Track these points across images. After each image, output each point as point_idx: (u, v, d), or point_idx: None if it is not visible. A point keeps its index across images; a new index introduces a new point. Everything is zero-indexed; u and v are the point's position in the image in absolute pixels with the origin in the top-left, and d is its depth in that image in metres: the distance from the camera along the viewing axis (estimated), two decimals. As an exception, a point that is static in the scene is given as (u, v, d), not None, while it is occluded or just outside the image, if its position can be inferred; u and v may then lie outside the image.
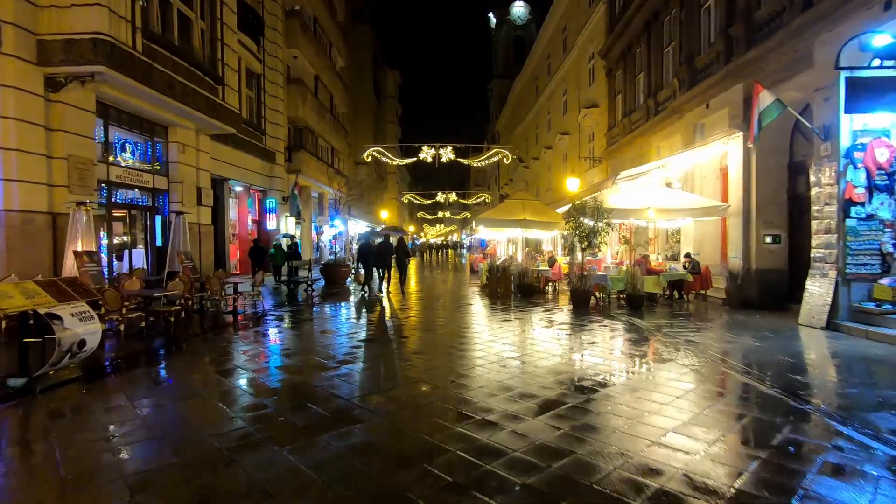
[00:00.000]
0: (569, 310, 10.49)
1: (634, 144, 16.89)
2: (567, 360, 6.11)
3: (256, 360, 6.42)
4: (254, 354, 6.71)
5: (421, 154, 20.52)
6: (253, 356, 6.58)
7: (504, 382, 5.06)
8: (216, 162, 16.21)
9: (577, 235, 10.37)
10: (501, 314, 10.03)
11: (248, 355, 6.62)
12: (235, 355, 6.67)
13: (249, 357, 6.54)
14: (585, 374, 5.42)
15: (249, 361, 6.30)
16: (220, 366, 6.07)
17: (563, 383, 5.05)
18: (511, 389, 4.81)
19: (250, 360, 6.38)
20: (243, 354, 6.69)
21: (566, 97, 27.55)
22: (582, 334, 7.83)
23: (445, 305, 11.62)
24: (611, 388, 4.89)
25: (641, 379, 5.28)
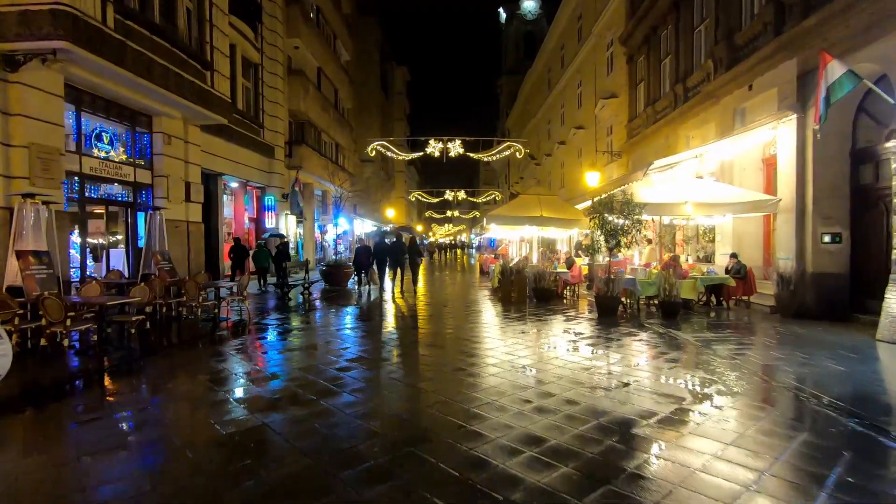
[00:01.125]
0: (594, 318, 9.20)
1: (659, 135, 15.52)
2: (606, 391, 4.83)
3: (214, 388, 5.20)
4: (215, 379, 5.50)
5: (428, 148, 19.27)
6: (213, 383, 5.37)
7: (529, 430, 3.79)
8: (208, 155, 15.12)
9: (603, 234, 9.07)
10: (517, 324, 8.76)
11: (208, 381, 5.41)
12: (188, 381, 5.49)
13: (208, 384, 5.33)
14: (635, 415, 4.14)
15: (206, 390, 5.09)
16: (162, 398, 4.88)
17: (609, 431, 3.78)
18: (540, 442, 3.55)
19: (208, 388, 5.17)
20: (200, 379, 5.49)
21: (581, 89, 26.17)
22: (617, 352, 6.54)
23: (454, 312, 10.37)
24: (677, 437, 3.61)
25: (713, 424, 3.98)
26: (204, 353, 6.70)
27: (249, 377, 5.49)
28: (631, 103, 18.52)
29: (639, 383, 5.04)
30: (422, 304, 11.96)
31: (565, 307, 10.85)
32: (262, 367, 5.92)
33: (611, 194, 9.16)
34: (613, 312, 9.29)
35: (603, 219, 9.02)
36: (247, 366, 6.00)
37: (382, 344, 7.01)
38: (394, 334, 7.86)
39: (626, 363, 5.92)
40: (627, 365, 5.83)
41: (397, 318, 9.65)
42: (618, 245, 8.97)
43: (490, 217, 12.30)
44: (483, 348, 6.72)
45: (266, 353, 6.66)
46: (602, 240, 9.16)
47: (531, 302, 11.53)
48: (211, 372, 5.73)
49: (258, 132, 18.74)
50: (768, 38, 9.55)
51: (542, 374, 5.38)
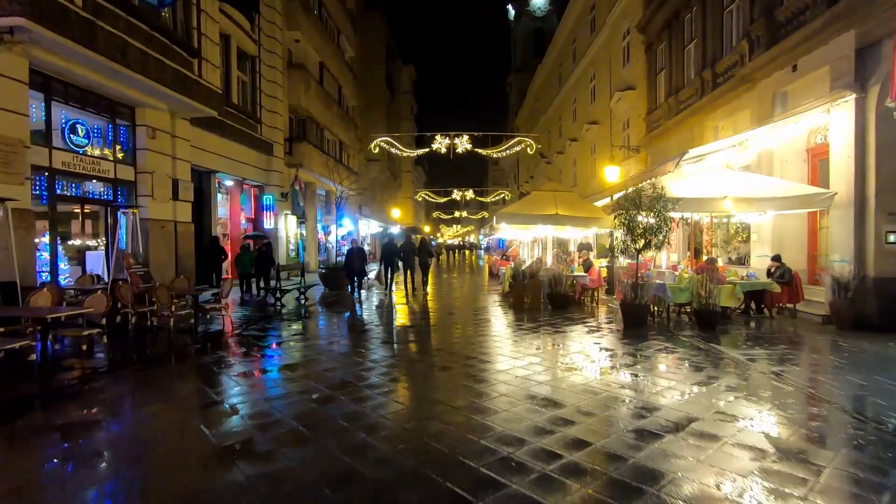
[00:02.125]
0: (619, 329, 8.08)
1: (683, 127, 14.34)
2: (657, 438, 3.73)
3: (148, 429, 4.19)
4: (154, 416, 4.48)
5: (434, 144, 18.22)
6: (149, 420, 4.36)
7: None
8: (199, 151, 14.21)
9: (629, 233, 7.96)
10: (533, 337, 7.66)
11: (145, 418, 4.40)
12: (120, 417, 4.47)
13: (142, 423, 4.32)
14: (710, 484, 3.04)
15: (135, 432, 4.07)
16: (71, 445, 3.86)
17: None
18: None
19: (139, 429, 4.16)
20: (138, 415, 4.48)
21: (595, 82, 24.99)
22: (656, 376, 5.43)
23: (461, 322, 9.30)
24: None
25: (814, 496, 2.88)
26: (158, 375, 5.68)
27: (202, 413, 4.46)
28: (650, 94, 17.35)
29: (698, 426, 3.92)
30: (428, 311, 10.90)
31: (585, 315, 9.74)
32: (221, 397, 4.88)
33: (638, 188, 8.04)
34: (642, 322, 8.16)
35: (630, 216, 7.90)
36: (202, 395, 4.95)
37: (374, 364, 5.95)
38: (390, 351, 6.80)
39: (672, 392, 4.80)
40: (674, 395, 4.71)
41: (396, 330, 8.59)
42: (647, 246, 7.84)
43: (500, 215, 11.22)
44: (494, 371, 5.63)
45: (231, 377, 5.62)
46: (628, 240, 8.04)
47: (546, 309, 10.43)
48: (157, 402, 4.72)
49: (255, 128, 17.82)
50: (819, 11, 8.37)
51: (568, 410, 4.29)
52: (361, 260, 12.97)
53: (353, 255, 13.05)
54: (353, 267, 12.95)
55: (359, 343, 7.28)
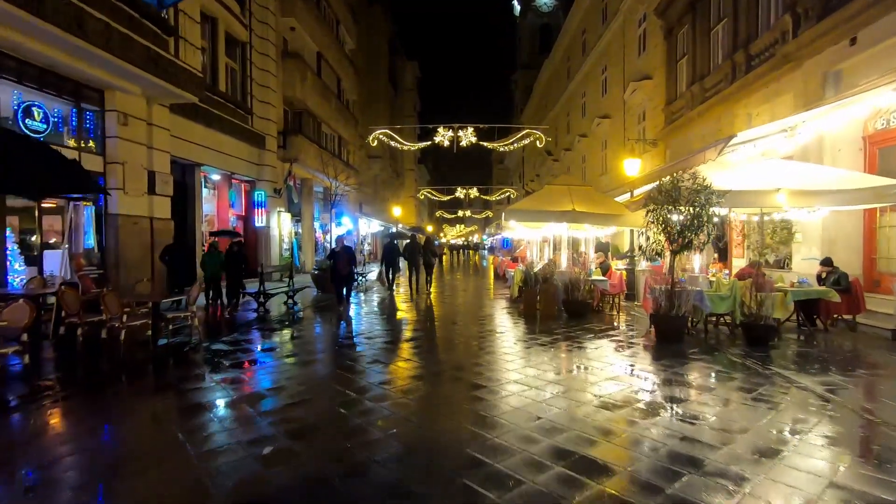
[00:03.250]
0: (652, 345, 6.85)
1: (709, 116, 13.09)
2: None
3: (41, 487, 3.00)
4: (55, 463, 3.31)
5: (437, 137, 17.00)
6: (46, 471, 3.17)
7: None
8: (181, 142, 13.07)
9: (665, 232, 6.74)
10: (552, 356, 6.45)
11: (46, 468, 3.22)
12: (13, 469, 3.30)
13: (38, 475, 3.14)
14: None
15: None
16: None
17: None
18: None
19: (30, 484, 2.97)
20: (37, 465, 3.30)
21: (606, 74, 23.73)
22: (725, 419, 4.20)
23: (466, 334, 8.09)
24: None
25: None
26: (82, 407, 4.51)
27: (126, 466, 3.27)
28: (669, 84, 16.09)
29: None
30: (427, 320, 9.69)
31: (607, 326, 8.51)
32: (154, 447, 3.70)
33: (675, 180, 6.80)
34: (679, 337, 6.93)
35: (666, 212, 6.67)
36: (136, 443, 3.79)
37: (356, 397, 4.73)
38: (379, 376, 5.58)
39: (754, 445, 3.58)
40: (759, 453, 3.49)
41: (389, 346, 7.37)
42: (687, 247, 6.61)
43: (510, 212, 10.00)
44: (510, 409, 4.41)
45: (177, 410, 4.45)
46: (662, 239, 6.81)
47: (561, 318, 9.22)
48: (69, 441, 3.54)
49: (246, 119, 16.67)
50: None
51: (618, 480, 3.08)
52: (349, 262, 10.57)
53: (338, 257, 10.43)
54: (338, 272, 10.44)
55: (342, 363, 6.06)
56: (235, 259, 10.59)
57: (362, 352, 6.62)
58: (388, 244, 16.16)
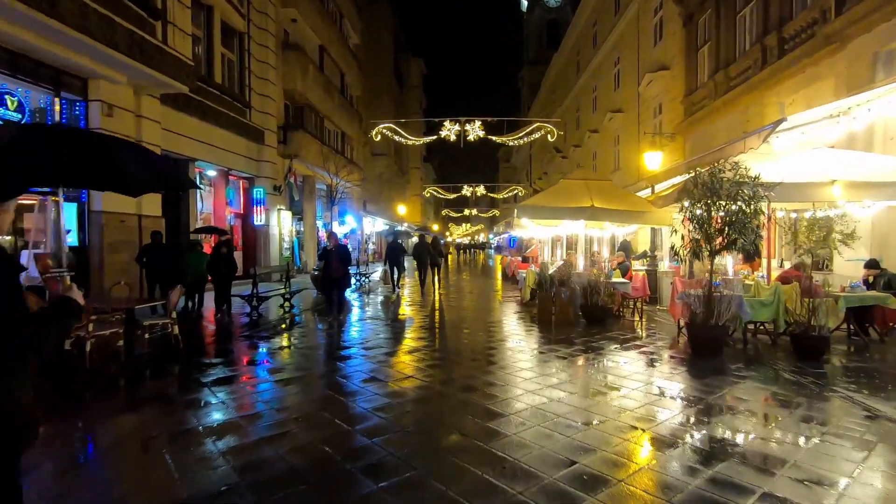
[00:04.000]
0: (687, 358, 6.04)
1: (735, 107, 12.21)
2: None
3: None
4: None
5: (442, 131, 16.23)
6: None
7: None
8: (174, 135, 12.37)
9: (702, 229, 5.92)
10: (576, 374, 5.65)
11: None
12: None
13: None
14: None
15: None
16: None
17: None
18: None
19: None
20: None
21: (619, 67, 22.83)
22: (809, 467, 3.39)
23: (475, 345, 7.30)
24: None
25: None
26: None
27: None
28: (688, 74, 15.20)
29: None
30: (431, 326, 8.92)
31: (632, 335, 7.70)
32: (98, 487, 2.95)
33: (713, 170, 5.98)
34: (717, 350, 6.10)
35: (704, 207, 5.85)
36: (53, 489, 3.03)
37: (346, 430, 3.94)
38: (374, 396, 4.80)
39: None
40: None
41: (388, 357, 6.60)
42: (730, 246, 5.79)
43: (522, 209, 9.19)
44: (531, 447, 3.62)
45: (121, 447, 3.71)
46: (701, 238, 5.99)
47: (579, 324, 8.42)
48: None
49: (244, 112, 15.96)
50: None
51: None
52: (344, 263, 9.18)
53: (330, 257, 9.13)
54: (330, 274, 9.10)
55: (333, 382, 5.28)
56: (224, 261, 9.74)
57: (358, 366, 5.84)
58: (392, 243, 15.74)
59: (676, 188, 7.24)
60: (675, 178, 9.93)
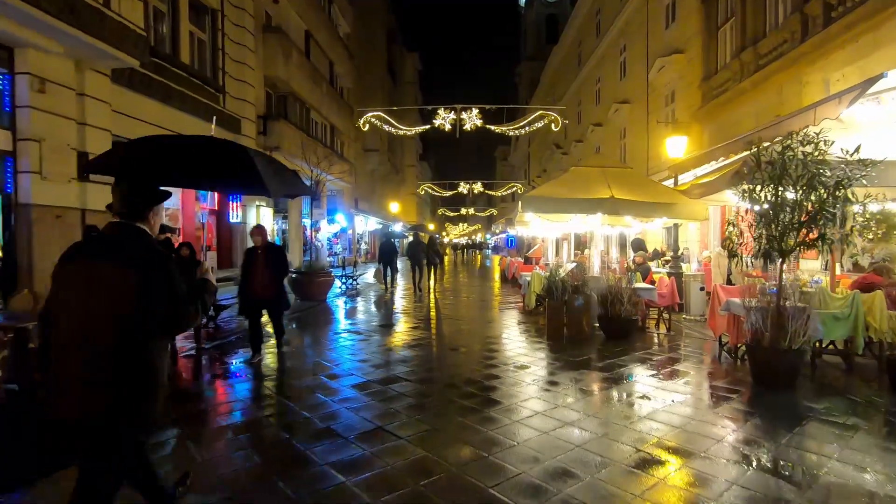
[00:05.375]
0: (752, 394, 4.60)
1: (766, 87, 10.81)
2: None
3: None
4: None
5: (436, 120, 14.77)
6: None
7: None
8: (129, 119, 10.83)
9: (771, 223, 4.49)
10: (610, 420, 4.20)
11: None
12: None
13: None
14: None
15: None
16: None
17: None
18: None
19: None
20: None
21: (625, 55, 21.44)
22: None
23: (472, 372, 5.83)
24: None
25: None
26: None
27: None
28: (707, 55, 13.80)
29: None
30: (418, 344, 7.45)
31: (665, 355, 6.26)
32: None
33: (789, 139, 4.55)
34: (790, 382, 4.65)
35: (774, 193, 4.42)
36: None
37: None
38: (338, 469, 3.33)
39: None
40: None
41: (361, 393, 5.12)
42: (816, 243, 4.35)
43: (528, 200, 7.73)
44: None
45: None
46: (771, 232, 4.55)
47: (596, 338, 6.99)
48: None
49: (216, 98, 14.43)
50: None
51: None
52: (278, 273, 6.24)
53: (253, 262, 6.18)
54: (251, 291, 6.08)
55: (282, 438, 3.79)
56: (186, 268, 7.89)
57: (322, 408, 4.35)
58: (386, 243, 15.36)
59: (730, 170, 5.78)
60: (705, 167, 8.51)
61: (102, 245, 2.04)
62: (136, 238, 2.05)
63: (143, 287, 1.90)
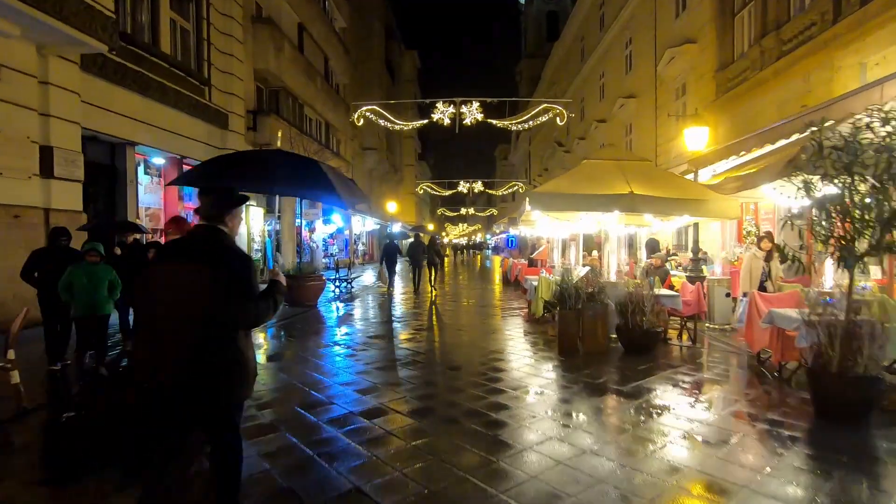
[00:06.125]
0: (812, 427, 3.78)
1: (792, 75, 10.00)
2: None
3: None
4: None
5: (435, 114, 13.95)
6: None
7: None
8: (101, 112, 10.02)
9: (854, 218, 3.67)
10: (650, 472, 3.37)
11: None
12: None
13: None
14: None
15: None
16: None
17: None
18: None
19: None
20: None
21: (631, 48, 20.61)
22: None
23: (474, 400, 4.99)
24: None
25: None
26: None
27: None
28: (722, 44, 13.00)
29: None
30: (411, 360, 6.63)
31: (699, 374, 5.43)
32: None
33: (853, 130, 3.72)
34: (863, 415, 3.82)
35: (849, 185, 3.60)
36: None
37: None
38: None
39: None
40: None
41: (339, 430, 4.28)
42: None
43: (536, 197, 6.89)
44: None
45: None
46: (849, 232, 3.74)
47: (615, 353, 6.17)
48: None
49: (201, 91, 13.61)
50: None
51: None
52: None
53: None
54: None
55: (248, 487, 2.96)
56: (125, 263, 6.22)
57: (288, 455, 3.51)
58: (389, 244, 15.21)
59: (783, 157, 4.93)
60: (723, 163, 7.69)
61: (186, 246, 2.29)
62: (213, 239, 2.25)
63: (218, 282, 2.08)
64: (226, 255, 2.18)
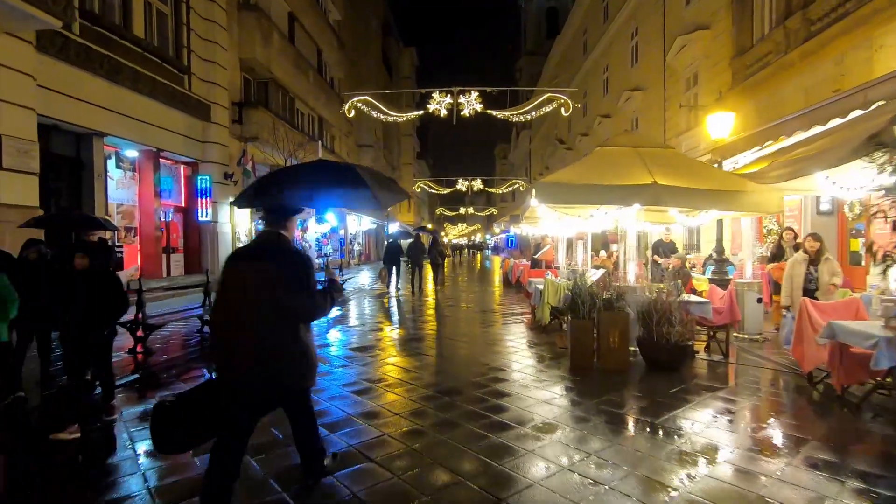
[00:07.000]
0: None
1: (822, 57, 9.09)
2: None
3: None
4: None
5: (431, 105, 13.04)
6: None
7: None
8: (62, 98, 9.08)
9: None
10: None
11: None
12: None
13: None
14: None
15: None
16: None
17: None
18: None
19: None
20: None
21: (637, 39, 19.72)
22: None
23: (470, 434, 4.08)
24: None
25: None
26: None
27: None
28: (740, 28, 12.07)
29: None
30: (403, 380, 5.71)
31: (747, 401, 4.52)
32: None
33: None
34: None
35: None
36: None
37: None
38: None
39: None
40: None
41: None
42: None
43: (544, 188, 5.96)
44: None
45: None
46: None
47: (635, 370, 5.26)
48: None
49: (180, 80, 12.66)
50: None
51: None
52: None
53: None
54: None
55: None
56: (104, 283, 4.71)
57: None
58: (392, 244, 15.30)
59: (841, 139, 3.99)
60: (762, 150, 6.78)
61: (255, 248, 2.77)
62: (276, 242, 2.66)
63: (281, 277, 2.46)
64: (288, 254, 2.59)
